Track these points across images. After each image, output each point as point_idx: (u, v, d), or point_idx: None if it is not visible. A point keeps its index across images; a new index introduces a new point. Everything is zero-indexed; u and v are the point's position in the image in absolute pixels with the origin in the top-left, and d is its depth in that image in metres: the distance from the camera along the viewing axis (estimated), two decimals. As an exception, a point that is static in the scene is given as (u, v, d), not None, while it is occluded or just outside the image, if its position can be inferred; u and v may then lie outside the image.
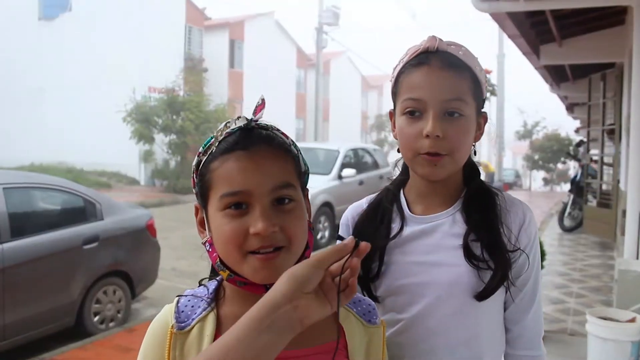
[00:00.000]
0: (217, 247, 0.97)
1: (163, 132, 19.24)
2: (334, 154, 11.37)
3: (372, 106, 42.50)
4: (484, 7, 5.27)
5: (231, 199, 0.92)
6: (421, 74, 1.18)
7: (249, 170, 0.93)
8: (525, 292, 1.23)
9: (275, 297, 0.79)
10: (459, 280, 1.18)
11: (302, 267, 0.81)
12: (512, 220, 1.22)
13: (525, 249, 1.21)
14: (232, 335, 0.77)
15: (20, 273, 4.53)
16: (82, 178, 18.29)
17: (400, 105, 1.21)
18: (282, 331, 0.78)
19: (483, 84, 1.24)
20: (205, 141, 1.00)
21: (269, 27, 30.23)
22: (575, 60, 8.82)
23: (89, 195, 5.41)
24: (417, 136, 1.16)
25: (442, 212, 1.25)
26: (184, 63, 24.22)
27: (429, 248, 1.22)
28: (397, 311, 1.23)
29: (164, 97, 19.36)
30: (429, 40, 1.21)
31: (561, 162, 31.24)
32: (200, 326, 0.97)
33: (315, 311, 0.81)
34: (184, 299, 1.02)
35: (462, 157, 1.20)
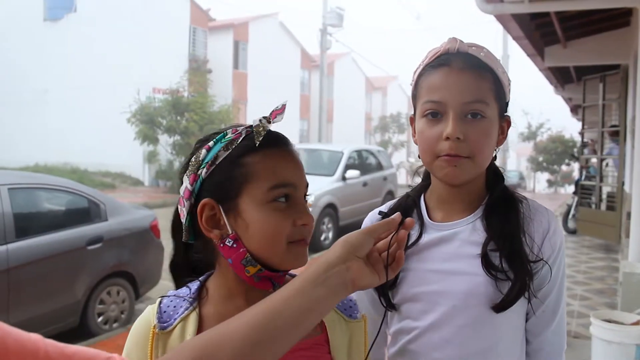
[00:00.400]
0: (252, 240, 0.97)
1: (167, 133, 19.27)
2: (338, 155, 11.36)
3: (376, 107, 42.47)
4: (489, 9, 5.26)
5: (282, 190, 0.97)
6: (441, 75, 1.15)
7: (294, 165, 1.00)
8: (547, 305, 1.19)
9: (330, 257, 0.85)
10: (475, 290, 1.15)
11: (355, 234, 0.88)
12: (535, 229, 1.17)
13: (549, 259, 1.17)
14: (290, 287, 0.83)
15: (25, 273, 4.54)
16: (87, 179, 18.35)
17: (420, 108, 1.19)
18: (336, 288, 0.84)
19: (506, 87, 1.21)
20: (218, 137, 0.99)
21: (273, 28, 30.26)
22: (580, 61, 8.80)
23: (93, 196, 5.42)
24: (437, 139, 1.14)
25: (462, 219, 1.22)
26: (189, 64, 24.26)
27: (446, 256, 1.19)
28: (412, 319, 1.22)
29: (168, 98, 19.38)
30: (449, 41, 1.19)
31: (565, 164, 31.17)
32: (182, 326, 0.98)
33: (366, 276, 0.87)
34: (166, 299, 1.03)
35: (484, 161, 1.17)
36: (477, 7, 5.27)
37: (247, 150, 0.97)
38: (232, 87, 26.97)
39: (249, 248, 0.97)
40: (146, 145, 19.39)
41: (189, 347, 0.78)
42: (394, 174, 13.90)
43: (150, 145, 19.48)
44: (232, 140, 0.98)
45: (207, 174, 0.99)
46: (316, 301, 0.82)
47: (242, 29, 28.21)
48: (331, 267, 0.84)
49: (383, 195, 12.58)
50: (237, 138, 0.98)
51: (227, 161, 0.98)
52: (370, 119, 40.44)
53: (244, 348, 0.77)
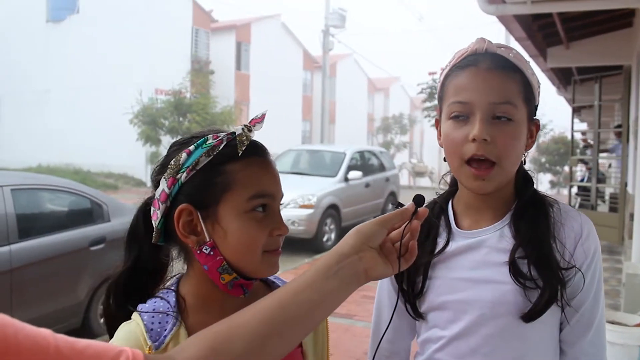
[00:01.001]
0: (229, 248, 0.96)
1: (169, 133, 19.28)
2: (341, 156, 11.36)
3: (378, 108, 42.48)
4: (491, 10, 5.26)
5: (261, 201, 0.97)
6: (468, 75, 1.12)
7: (273, 176, 1.01)
8: (582, 314, 1.13)
9: (343, 248, 0.85)
10: (503, 299, 1.11)
11: (368, 224, 0.87)
12: (566, 235, 1.13)
13: (582, 266, 1.11)
14: (301, 280, 0.82)
15: (28, 274, 4.55)
16: (89, 179, 18.40)
17: (446, 110, 1.15)
18: (348, 279, 0.83)
19: (535, 89, 1.16)
20: (199, 142, 0.98)
21: (275, 29, 30.28)
22: (583, 62, 8.78)
23: (96, 196, 5.43)
24: (463, 141, 1.10)
25: (490, 226, 1.18)
26: (191, 65, 24.30)
27: (474, 264, 1.16)
28: (440, 327, 1.19)
29: (171, 99, 19.40)
30: (477, 42, 1.16)
31: (568, 165, 31.12)
32: (175, 343, 0.95)
33: (379, 266, 0.86)
34: (146, 316, 0.97)
35: (512, 166, 1.13)
36: (479, 8, 5.27)
37: (229, 158, 0.97)
38: (235, 88, 27.00)
39: (225, 256, 0.96)
40: (148, 146, 19.42)
41: (196, 343, 0.76)
42: (397, 175, 13.91)
43: (153, 146, 19.50)
44: (213, 147, 0.97)
45: (186, 178, 0.97)
46: (328, 293, 0.81)
47: (245, 30, 28.25)
48: (343, 257, 0.83)
49: (385, 196, 12.58)
50: (219, 145, 0.97)
51: (207, 167, 0.97)
52: (372, 120, 40.46)
53: (254, 342, 0.76)
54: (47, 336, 0.62)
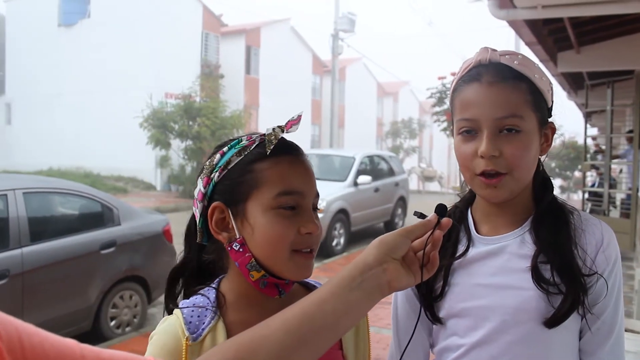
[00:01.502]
0: (257, 246, 0.99)
1: (179, 137, 19.36)
2: (350, 160, 11.37)
3: (387, 113, 42.44)
4: (502, 15, 5.24)
5: (288, 199, 0.98)
6: (472, 91, 1.12)
7: (303, 174, 1.02)
8: (602, 321, 1.11)
9: (367, 259, 0.84)
10: (526, 305, 1.10)
11: (392, 235, 0.87)
12: (587, 242, 1.12)
13: (603, 273, 1.10)
14: (325, 290, 0.82)
15: (39, 277, 4.58)
16: (99, 183, 18.49)
17: (456, 125, 1.16)
18: (372, 290, 0.83)
19: (546, 93, 1.15)
20: (232, 143, 1.03)
21: (284, 33, 30.35)
22: (594, 67, 8.73)
23: (106, 200, 5.46)
24: (473, 156, 1.11)
25: (510, 232, 1.17)
26: (201, 69, 24.38)
27: (495, 270, 1.15)
28: (459, 335, 1.17)
29: (181, 103, 19.48)
30: (481, 52, 1.15)
31: (578, 170, 30.94)
32: (212, 336, 0.99)
33: (402, 277, 0.86)
34: (186, 310, 1.02)
35: (524, 175, 1.13)
36: (489, 13, 5.26)
37: (259, 157, 1.00)
38: (244, 92, 27.06)
39: (253, 253, 0.99)
40: (158, 149, 19.51)
41: (220, 353, 0.76)
42: (406, 179, 13.88)
43: (163, 150, 19.60)
44: (245, 147, 1.01)
45: (219, 177, 1.02)
46: (352, 304, 0.81)
47: (254, 35, 28.33)
48: (367, 269, 0.83)
49: (395, 201, 12.56)
50: (251, 145, 1.02)
51: (238, 166, 1.01)
52: (381, 124, 40.41)
53: (279, 352, 0.76)
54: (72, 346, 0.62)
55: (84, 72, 23.70)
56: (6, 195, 4.51)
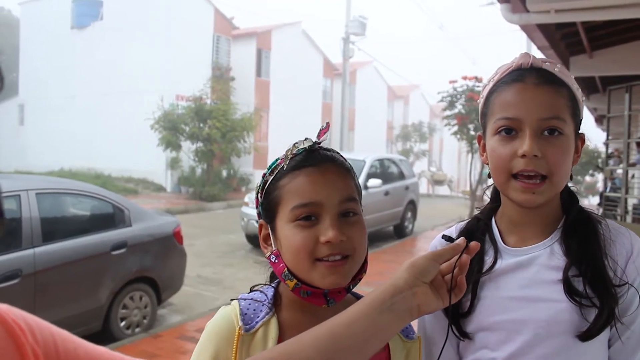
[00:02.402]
0: (286, 257, 1.03)
1: (190, 139, 19.42)
2: (360, 164, 11.35)
3: (397, 116, 42.36)
4: (515, 19, 5.23)
5: (303, 210, 1.01)
6: (515, 91, 1.11)
7: (319, 183, 1.02)
8: (633, 331, 1.10)
9: (397, 282, 0.86)
10: (559, 318, 1.08)
11: (422, 259, 0.89)
12: (617, 252, 1.10)
13: (634, 282, 1.09)
14: (355, 310, 0.84)
15: (51, 277, 4.61)
16: (110, 184, 18.59)
17: (493, 126, 1.13)
18: (402, 314, 0.85)
19: (581, 103, 1.16)
20: (271, 163, 1.08)
21: (296, 36, 30.38)
22: (606, 72, 8.69)
23: (118, 201, 5.49)
24: (512, 156, 1.09)
25: (539, 243, 1.15)
26: (212, 72, 24.45)
27: (525, 282, 1.13)
28: (490, 349, 1.15)
29: (192, 105, 19.55)
30: (522, 56, 1.15)
31: (589, 175, 30.76)
32: (265, 329, 1.03)
33: (431, 301, 0.88)
34: (243, 302, 1.07)
35: (562, 180, 1.11)
36: (502, 17, 5.24)
37: (282, 174, 1.05)
38: (255, 94, 27.10)
39: (286, 263, 1.04)
40: (169, 151, 19.59)
41: None
42: (416, 183, 13.85)
43: (173, 152, 19.67)
44: (277, 165, 1.07)
45: (262, 198, 1.09)
46: (381, 327, 0.83)
47: (265, 37, 28.38)
48: (398, 292, 0.85)
49: (405, 205, 12.53)
50: (282, 163, 1.06)
51: (270, 185, 1.07)
52: (392, 127, 40.35)
53: None
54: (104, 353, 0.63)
55: (96, 74, 23.85)
56: (19, 195, 4.55)
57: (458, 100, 17.99)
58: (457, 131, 18.41)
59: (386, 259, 9.68)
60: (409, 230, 12.94)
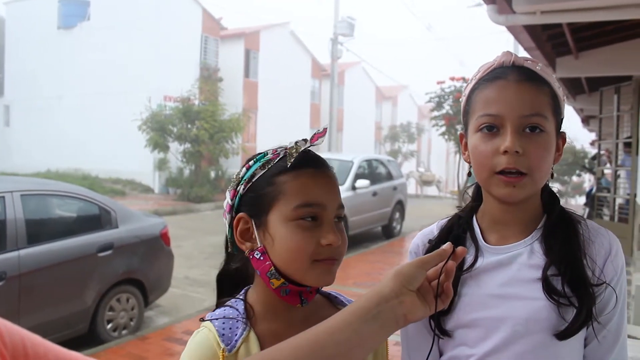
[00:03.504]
0: (276, 255, 1.01)
1: (178, 140, 19.36)
2: (348, 164, 11.36)
3: (386, 117, 42.48)
4: (501, 20, 5.25)
5: (308, 210, 1.00)
6: (497, 88, 1.12)
7: (323, 186, 1.04)
8: (609, 330, 1.12)
9: (383, 290, 0.84)
10: (537, 316, 1.09)
11: (408, 267, 0.87)
12: (596, 252, 1.12)
13: (611, 282, 1.11)
14: (339, 319, 0.82)
15: (36, 279, 4.57)
16: (97, 185, 18.48)
17: (475, 123, 1.14)
18: (387, 323, 0.83)
19: (562, 102, 1.17)
20: (259, 157, 1.07)
21: (284, 37, 30.37)
22: (592, 73, 8.75)
23: (104, 203, 5.45)
24: (494, 153, 1.09)
25: (520, 241, 1.17)
26: (200, 72, 24.38)
27: (505, 280, 1.14)
28: (469, 345, 1.16)
29: (179, 106, 19.49)
30: (504, 55, 1.16)
31: (576, 175, 31.00)
32: (246, 346, 1.01)
33: (418, 309, 0.86)
34: (217, 322, 1.03)
35: (542, 177, 1.12)
36: (488, 18, 5.27)
37: (281, 170, 1.03)
38: (243, 95, 27.06)
39: (274, 261, 1.02)
40: (157, 152, 19.50)
41: None
42: (404, 183, 13.88)
43: (161, 153, 19.59)
44: (269, 160, 1.05)
45: (244, 190, 1.06)
46: (366, 336, 0.81)
47: (254, 38, 28.34)
48: (384, 301, 0.83)
49: (393, 205, 12.55)
50: (275, 158, 1.05)
51: (262, 179, 1.04)
52: (380, 128, 40.46)
53: None
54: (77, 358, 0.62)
55: (83, 75, 23.69)
56: (4, 197, 4.50)
57: (446, 101, 18.07)
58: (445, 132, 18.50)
59: (374, 259, 9.69)
60: (397, 231, 12.96)
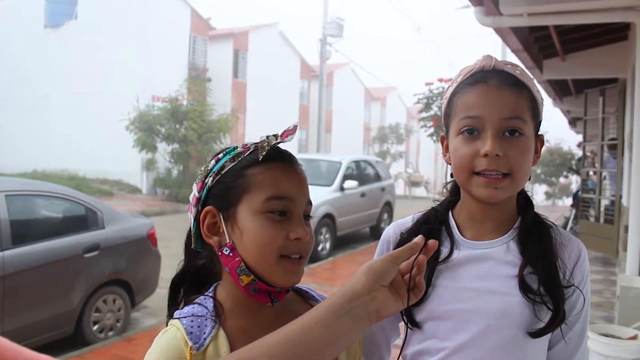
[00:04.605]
0: (245, 250, 0.99)
1: (166, 141, 19.28)
2: (336, 165, 11.37)
3: (374, 118, 42.54)
4: (488, 22, 5.29)
5: (279, 203, 0.99)
6: (478, 91, 1.14)
7: (294, 181, 1.03)
8: (575, 331, 1.17)
9: (355, 286, 0.83)
10: (511, 311, 1.12)
11: (379, 262, 0.86)
12: (567, 255, 1.17)
13: (579, 286, 1.16)
14: (311, 317, 0.81)
15: (21, 280, 4.52)
16: (85, 186, 18.35)
17: (456, 126, 1.16)
18: (360, 319, 0.82)
19: (541, 105, 1.20)
20: (228, 150, 1.05)
21: (273, 38, 30.34)
22: (578, 75, 8.83)
23: (90, 203, 5.41)
24: (474, 156, 1.12)
25: (496, 239, 1.19)
26: (188, 72, 24.31)
27: (480, 274, 1.17)
28: (439, 338, 1.17)
29: (168, 106, 19.41)
30: (485, 59, 1.18)
31: (563, 176, 31.24)
32: (215, 345, 0.98)
33: (391, 304, 0.86)
34: (185, 320, 1.00)
35: (522, 179, 1.15)
36: (476, 20, 5.30)
37: (251, 163, 1.01)
38: (231, 95, 27.01)
39: (243, 257, 0.99)
40: (144, 152, 19.41)
41: None
42: (392, 184, 13.91)
43: (149, 153, 19.49)
44: (239, 153, 1.04)
45: (212, 182, 1.03)
46: (339, 332, 0.80)
47: (242, 38, 28.29)
48: (356, 297, 0.82)
49: (381, 206, 12.57)
50: (245, 152, 1.04)
51: (231, 172, 1.02)
52: (368, 129, 40.50)
53: None
54: None
55: (71, 74, 23.53)
56: (-12, 197, 4.46)
57: (434, 102, 18.14)
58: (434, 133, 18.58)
59: (362, 260, 9.68)
60: (386, 232, 12.97)
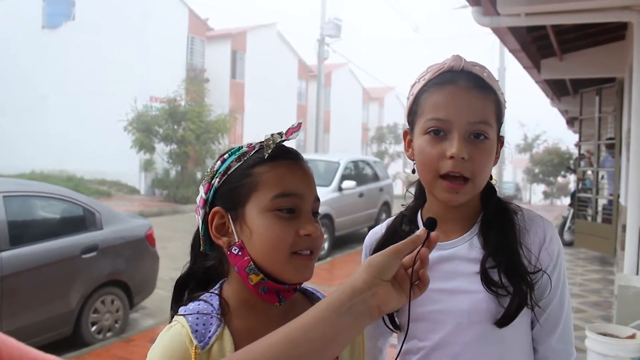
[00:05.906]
0: (255, 248, 0.98)
1: (164, 141, 19.26)
2: (335, 165, 11.36)
3: (372, 118, 42.54)
4: (486, 22, 5.29)
5: (287, 200, 0.99)
6: (447, 93, 1.15)
7: (301, 177, 1.03)
8: (549, 313, 1.19)
9: (355, 283, 0.82)
10: (478, 307, 1.15)
11: (380, 256, 0.84)
12: (531, 241, 1.18)
13: (547, 268, 1.17)
14: (312, 315, 0.80)
15: (19, 281, 4.52)
16: (83, 186, 18.33)
17: (423, 125, 1.17)
18: (361, 315, 0.81)
19: (504, 108, 1.21)
20: (234, 150, 1.05)
21: (271, 38, 30.34)
22: (576, 74, 8.84)
23: (88, 204, 5.41)
24: (440, 157, 1.13)
25: (459, 237, 1.22)
26: (186, 73, 24.30)
27: (447, 275, 1.19)
28: (419, 338, 1.22)
29: (166, 106, 19.40)
30: (454, 59, 1.18)
31: (561, 176, 31.23)
32: (220, 344, 0.97)
33: (393, 299, 0.84)
34: (190, 317, 0.99)
35: (483, 182, 1.17)
36: (474, 20, 5.30)
37: (258, 162, 1.01)
38: (229, 96, 27.00)
39: (252, 256, 0.99)
40: (142, 153, 19.38)
41: None
42: (390, 184, 13.91)
43: (147, 154, 19.47)
44: (244, 153, 1.04)
45: (219, 183, 1.03)
46: (340, 330, 0.79)
47: (240, 39, 28.28)
48: (357, 293, 0.81)
49: (379, 206, 12.57)
50: (250, 151, 1.04)
51: (238, 171, 1.02)
52: (366, 129, 40.48)
53: None
54: None
55: (69, 75, 23.50)
56: (-14, 198, 4.45)
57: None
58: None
59: (360, 260, 9.64)
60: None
